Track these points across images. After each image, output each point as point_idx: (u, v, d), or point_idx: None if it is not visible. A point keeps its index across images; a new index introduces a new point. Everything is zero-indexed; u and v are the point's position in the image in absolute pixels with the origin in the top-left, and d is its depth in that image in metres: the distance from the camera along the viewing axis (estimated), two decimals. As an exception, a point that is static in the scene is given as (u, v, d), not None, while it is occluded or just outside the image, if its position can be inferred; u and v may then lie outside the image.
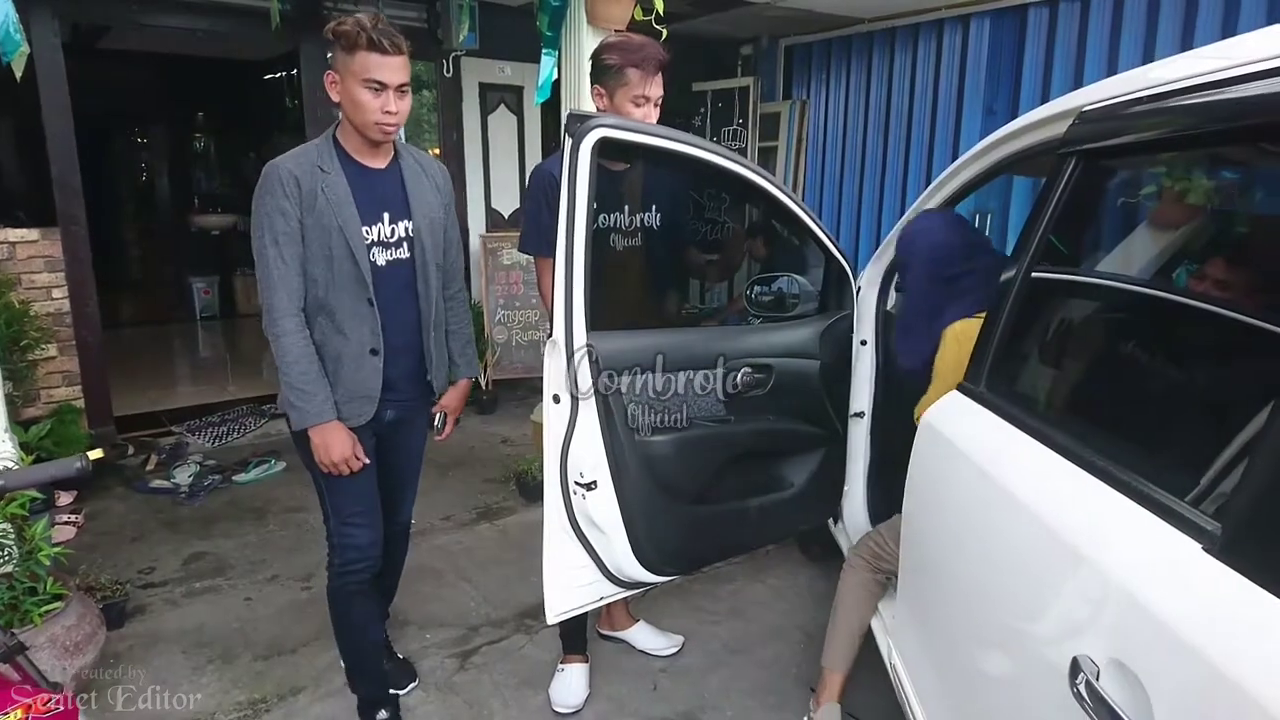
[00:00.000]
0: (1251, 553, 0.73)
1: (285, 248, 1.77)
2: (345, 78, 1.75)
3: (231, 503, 3.63)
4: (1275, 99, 0.88)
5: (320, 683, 2.36)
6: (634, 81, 2.03)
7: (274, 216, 1.76)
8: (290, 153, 1.83)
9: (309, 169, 1.78)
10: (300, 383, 1.81)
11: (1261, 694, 0.65)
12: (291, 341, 1.80)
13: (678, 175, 2.30)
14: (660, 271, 2.39)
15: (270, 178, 1.77)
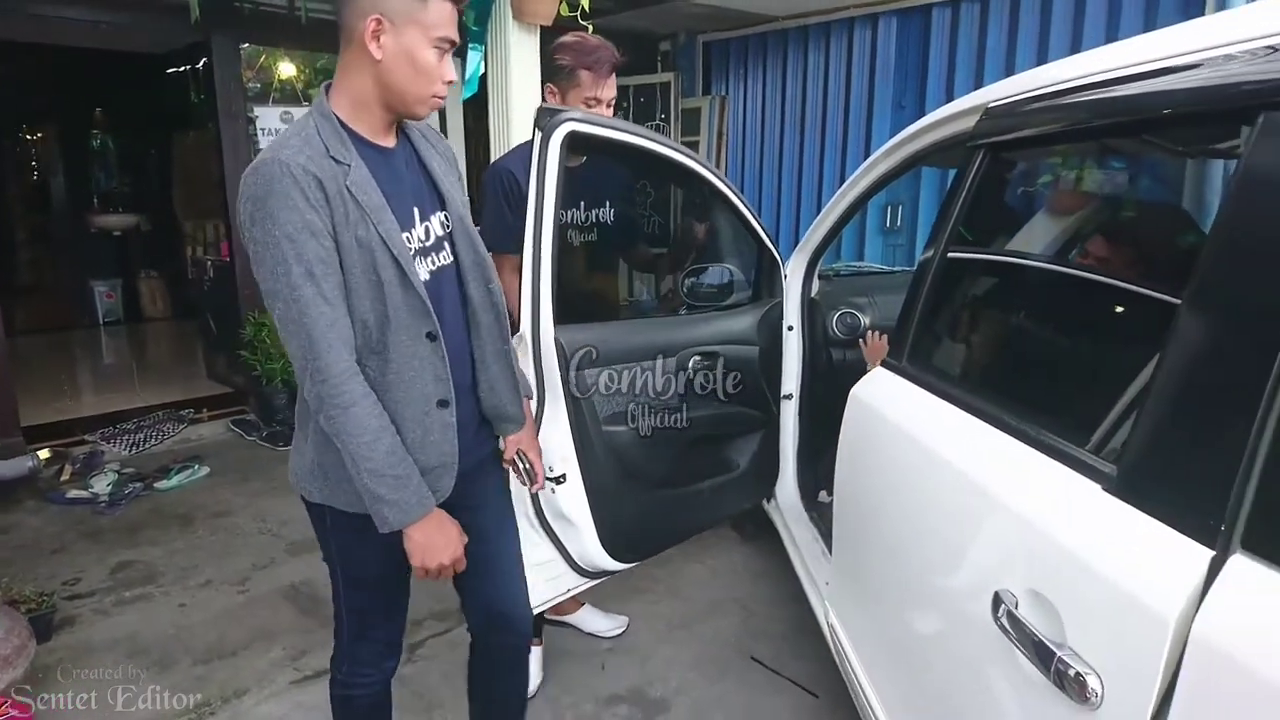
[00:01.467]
0: (1142, 489, 0.85)
1: (325, 281, 1.22)
2: (405, 27, 1.25)
3: (155, 510, 3.52)
4: (1153, 97, 1.01)
5: (264, 683, 2.35)
6: (586, 83, 2.03)
7: (300, 239, 1.20)
8: (285, 140, 1.26)
9: (323, 161, 1.24)
10: (388, 466, 1.28)
11: (1153, 605, 0.77)
12: (364, 412, 1.26)
13: (630, 170, 2.37)
14: (614, 265, 2.46)
15: (278, 181, 1.19)
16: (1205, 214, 1.52)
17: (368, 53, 1.25)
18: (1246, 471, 0.73)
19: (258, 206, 1.20)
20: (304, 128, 1.28)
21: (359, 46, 1.26)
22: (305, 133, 1.26)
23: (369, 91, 1.29)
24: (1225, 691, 0.70)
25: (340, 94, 1.31)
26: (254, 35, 4.56)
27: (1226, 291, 0.82)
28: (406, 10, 1.24)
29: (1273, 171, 0.80)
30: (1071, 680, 0.84)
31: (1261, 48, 0.86)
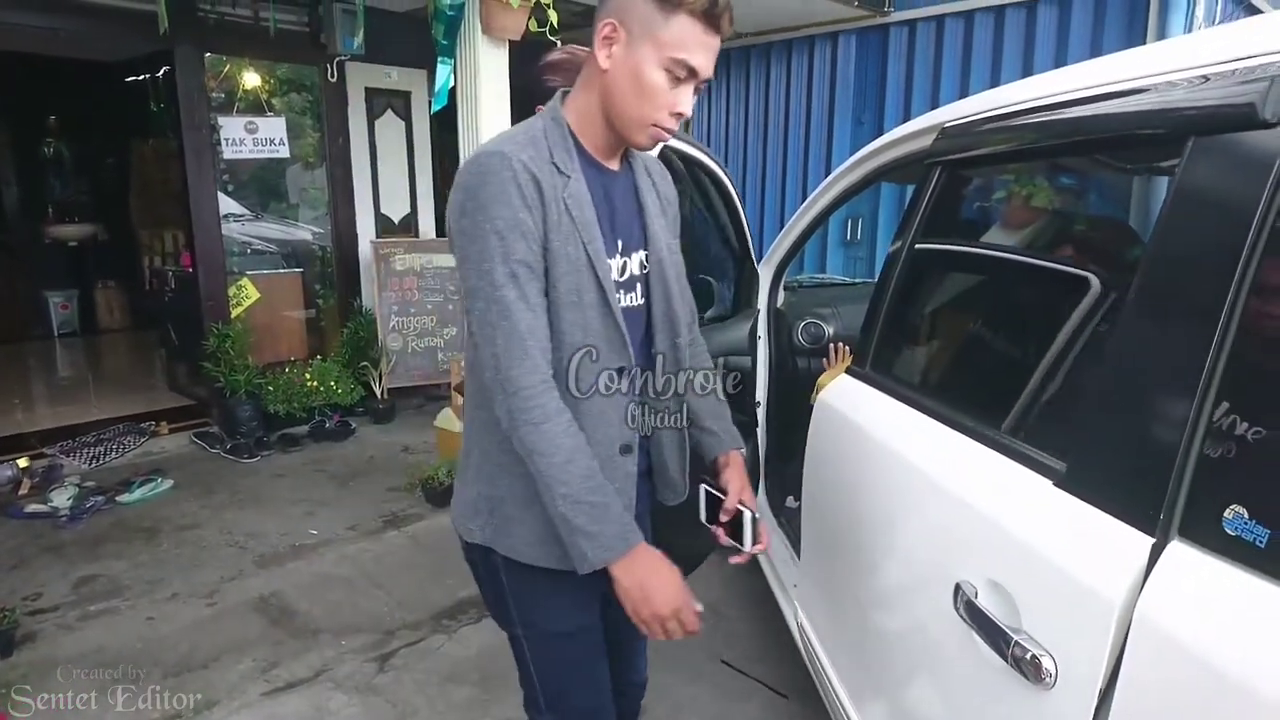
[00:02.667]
0: (1088, 483, 0.92)
1: (529, 285, 1.12)
2: (640, 40, 1.11)
3: (118, 524, 3.47)
4: (1097, 120, 1.08)
5: (235, 695, 2.34)
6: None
7: (510, 237, 1.10)
8: (510, 136, 1.17)
9: (545, 166, 1.14)
10: (586, 492, 1.11)
11: (1100, 589, 0.83)
12: (558, 429, 1.11)
13: None
14: None
15: (496, 174, 1.10)
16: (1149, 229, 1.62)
17: (597, 60, 1.14)
18: (1182, 466, 0.80)
19: (469, 197, 1.11)
20: (531, 127, 1.19)
21: (592, 54, 1.16)
22: (532, 133, 1.17)
23: (594, 104, 1.18)
24: (1165, 666, 0.76)
25: (572, 100, 1.22)
26: (218, 45, 4.54)
27: (1161, 300, 0.89)
28: (646, 21, 1.10)
29: (1201, 190, 0.87)
30: (1028, 663, 0.90)
31: (1196, 77, 0.94)
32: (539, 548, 1.22)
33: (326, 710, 2.28)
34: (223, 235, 4.76)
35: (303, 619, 2.74)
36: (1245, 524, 0.73)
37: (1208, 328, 0.79)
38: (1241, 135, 0.84)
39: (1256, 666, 0.68)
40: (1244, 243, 0.78)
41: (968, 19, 4.27)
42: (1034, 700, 0.91)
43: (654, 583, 1.13)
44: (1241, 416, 0.76)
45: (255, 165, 5.21)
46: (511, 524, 1.23)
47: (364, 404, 4.96)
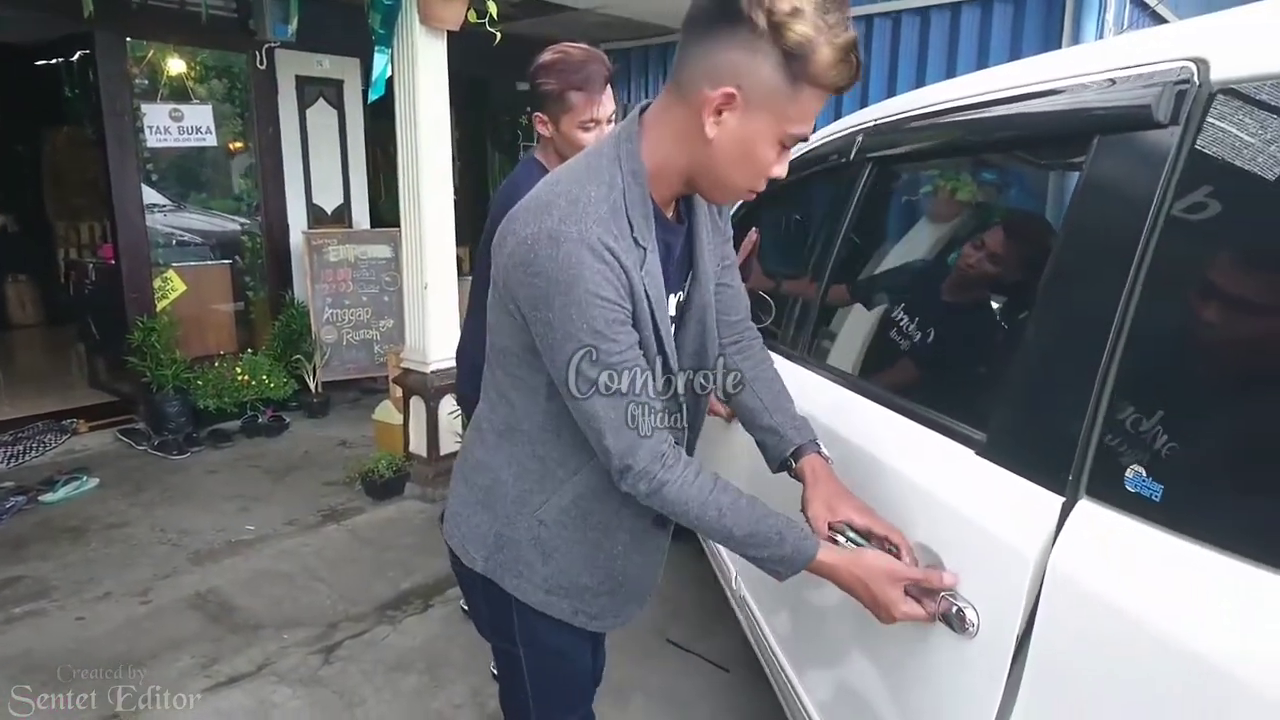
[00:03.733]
0: (1006, 450, 1.01)
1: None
2: (759, 111, 0.97)
3: (42, 524, 3.35)
4: (1018, 119, 1.17)
5: (175, 692, 2.30)
6: (579, 105, 1.79)
7: (608, 331, 1.00)
8: (587, 204, 1.00)
9: (627, 245, 1.01)
10: (749, 520, 1.06)
11: (1017, 545, 0.92)
12: (675, 488, 1.05)
13: None
14: None
15: (588, 266, 0.97)
16: (1060, 221, 1.74)
17: (699, 124, 0.99)
18: (1088, 432, 0.88)
19: (555, 289, 0.97)
20: (611, 189, 1.02)
21: (692, 113, 0.99)
22: (613, 198, 1.01)
23: (678, 164, 1.05)
24: (1075, 611, 0.85)
25: (653, 153, 1.05)
26: (141, 29, 4.38)
27: (1069, 285, 0.98)
28: (771, 92, 0.95)
29: (1103, 184, 0.97)
30: (954, 616, 0.99)
31: (1104, 80, 1.03)
32: (545, 597, 1.19)
33: (271, 703, 2.27)
34: (147, 226, 4.60)
35: (242, 614, 2.71)
36: (1144, 481, 0.82)
37: (1110, 308, 0.88)
38: (1139, 134, 0.93)
39: (1153, 607, 0.76)
40: (1140, 232, 0.87)
41: (895, 20, 4.42)
42: (959, 649, 0.99)
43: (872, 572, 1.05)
44: (1140, 386, 0.85)
45: (181, 154, 5.05)
46: (521, 566, 1.19)
47: (298, 398, 4.87)
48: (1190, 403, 0.80)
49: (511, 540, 1.18)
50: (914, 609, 1.02)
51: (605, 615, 1.24)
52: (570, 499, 1.16)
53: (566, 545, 1.17)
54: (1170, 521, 0.78)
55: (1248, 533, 0.72)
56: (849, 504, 1.15)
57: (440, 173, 3.60)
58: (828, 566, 1.07)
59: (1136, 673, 0.77)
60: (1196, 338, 0.84)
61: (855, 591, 1.06)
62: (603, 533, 1.18)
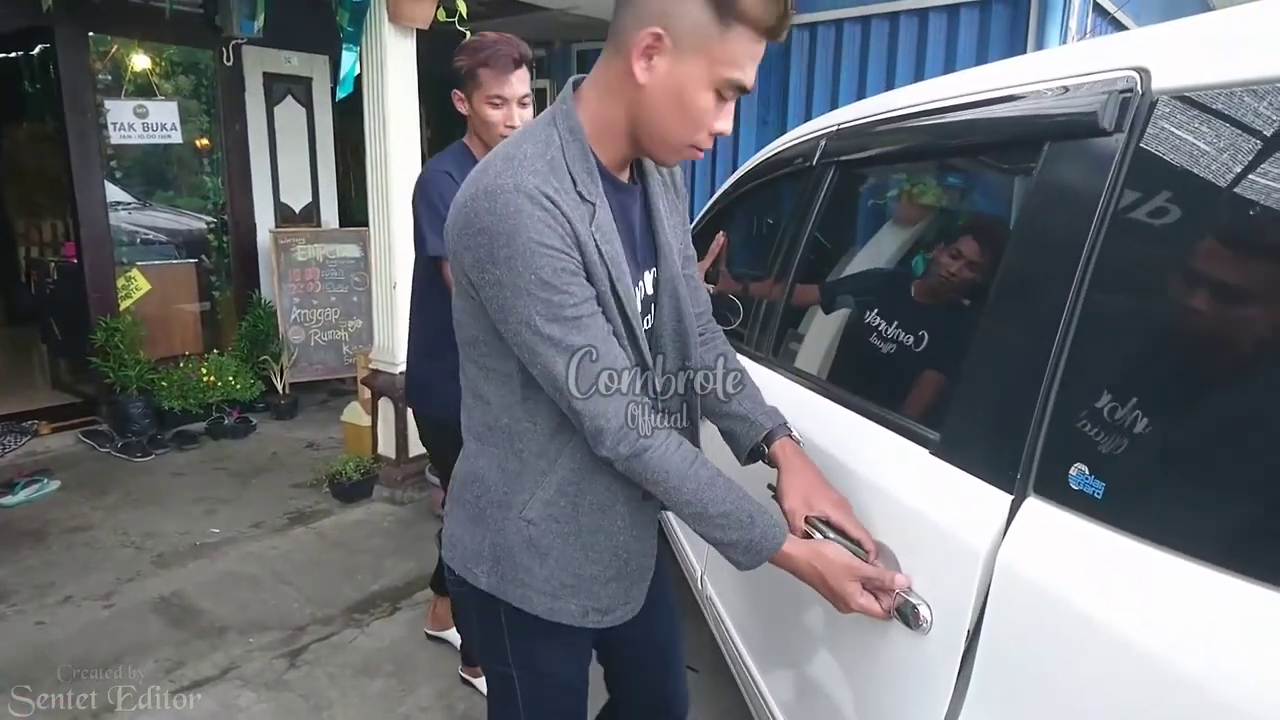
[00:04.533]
0: (958, 450, 1.03)
1: (591, 322, 1.01)
2: (689, 54, 0.96)
3: (2, 527, 3.29)
4: (974, 124, 1.19)
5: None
6: (487, 81, 1.93)
7: (557, 281, 0.98)
8: (522, 159, 0.99)
9: (571, 197, 1.00)
10: (725, 498, 1.05)
11: (968, 541, 0.94)
12: (656, 455, 1.04)
13: None
14: None
15: (526, 214, 0.96)
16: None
17: (631, 71, 0.98)
18: (1035, 433, 0.91)
19: (497, 243, 0.96)
20: (546, 145, 1.01)
21: (624, 60, 0.98)
22: (549, 154, 1.01)
23: (619, 117, 1.03)
24: (1021, 605, 0.87)
25: (587, 108, 1.05)
26: (104, 24, 4.31)
27: (1017, 287, 1.00)
28: (698, 33, 0.95)
29: (1053, 189, 0.99)
30: (909, 612, 1.01)
31: (1054, 87, 1.05)
32: (552, 603, 1.15)
33: (236, 707, 2.25)
34: (110, 224, 4.53)
35: (207, 618, 2.68)
36: (1087, 479, 0.84)
37: (1057, 310, 0.90)
38: (1086, 140, 0.95)
39: (1094, 602, 0.78)
40: (1086, 236, 0.89)
41: (865, 24, 4.46)
42: (912, 644, 1.01)
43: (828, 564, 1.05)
44: (1085, 386, 0.87)
45: (145, 151, 4.97)
46: (521, 573, 1.14)
47: (264, 399, 4.82)
48: (1132, 402, 0.82)
49: (506, 548, 1.14)
50: (870, 603, 1.03)
51: (615, 606, 1.19)
52: (554, 490, 1.12)
53: (560, 539, 1.13)
54: (1111, 518, 0.80)
55: (1184, 529, 0.75)
56: (826, 498, 1.13)
57: (409, 170, 3.58)
58: (788, 558, 1.07)
59: (1079, 666, 0.79)
60: (1138, 339, 0.86)
61: (813, 583, 1.07)
62: (599, 513, 1.13)
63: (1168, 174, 0.85)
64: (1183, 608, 0.72)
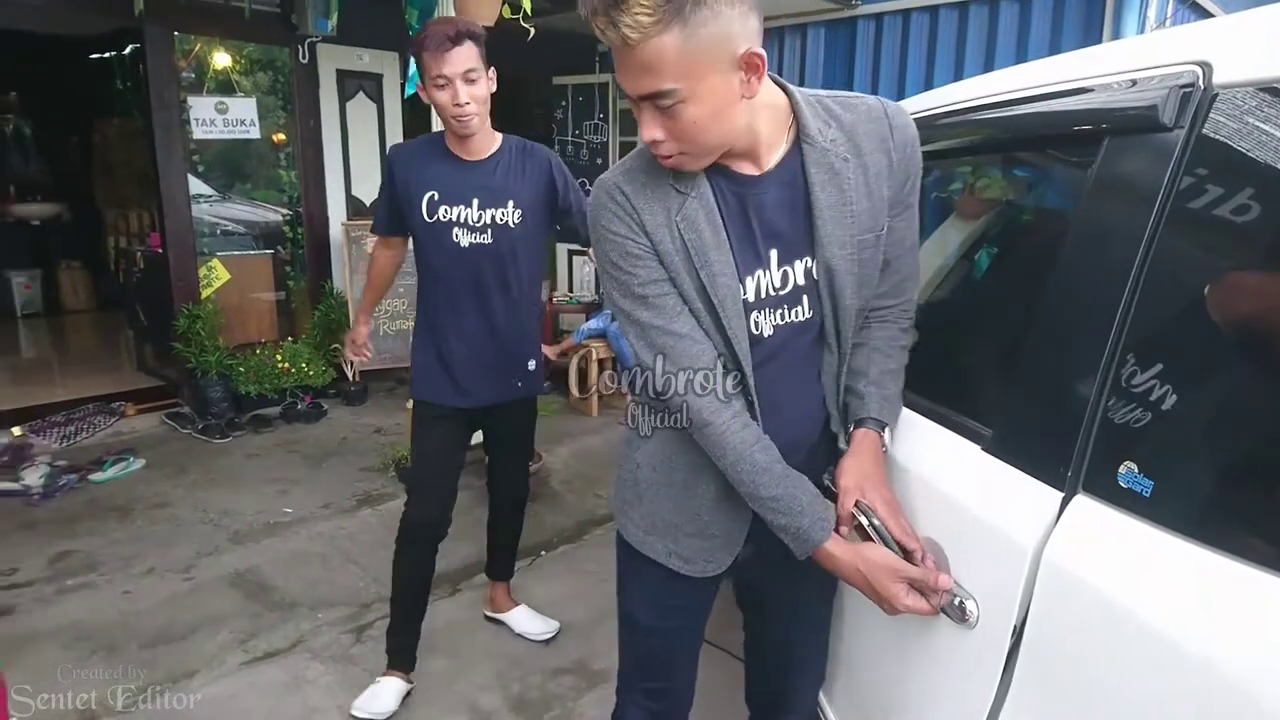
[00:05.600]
0: (1010, 446, 1.03)
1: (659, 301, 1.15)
2: None
3: (91, 502, 3.50)
4: (1044, 118, 1.18)
5: (214, 665, 2.40)
6: (429, 64, 1.95)
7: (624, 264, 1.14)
8: (632, 156, 1.16)
9: (656, 191, 1.13)
10: (778, 482, 1.11)
11: (1016, 538, 0.94)
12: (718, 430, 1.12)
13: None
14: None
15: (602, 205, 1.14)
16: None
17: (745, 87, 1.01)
18: (1088, 429, 0.90)
19: (591, 226, 1.16)
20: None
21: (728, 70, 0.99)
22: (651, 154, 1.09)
23: None
24: (1068, 600, 0.87)
25: None
26: (188, 24, 4.51)
27: (1073, 284, 1.00)
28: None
29: (1112, 185, 0.98)
30: (954, 607, 1.01)
31: (1114, 82, 1.04)
32: (643, 536, 1.29)
33: (304, 679, 2.35)
34: (193, 216, 4.75)
35: (279, 593, 2.81)
36: (1136, 477, 0.83)
37: (1112, 306, 0.90)
38: (1146, 135, 0.94)
39: (1140, 597, 0.78)
40: (1144, 231, 0.88)
41: (933, 14, 4.38)
42: (958, 638, 1.02)
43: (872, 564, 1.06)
44: (1138, 383, 0.86)
45: (225, 146, 5.19)
46: (626, 505, 1.31)
47: (335, 386, 4.99)
48: (1184, 401, 0.82)
49: (621, 480, 1.32)
50: (917, 601, 1.04)
51: (697, 559, 1.25)
52: (660, 443, 1.24)
53: (655, 488, 1.26)
54: (1159, 516, 0.79)
55: (1232, 529, 0.74)
56: (880, 494, 1.12)
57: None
58: (832, 556, 1.10)
59: (1123, 663, 0.79)
60: (1193, 337, 0.85)
61: (857, 585, 1.08)
62: (690, 474, 1.22)
63: (1228, 169, 0.84)
64: (1227, 607, 0.71)
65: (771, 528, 1.13)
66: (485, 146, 2.14)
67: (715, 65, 0.97)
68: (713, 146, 1.06)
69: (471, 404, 2.23)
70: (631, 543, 1.31)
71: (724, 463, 1.12)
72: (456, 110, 1.97)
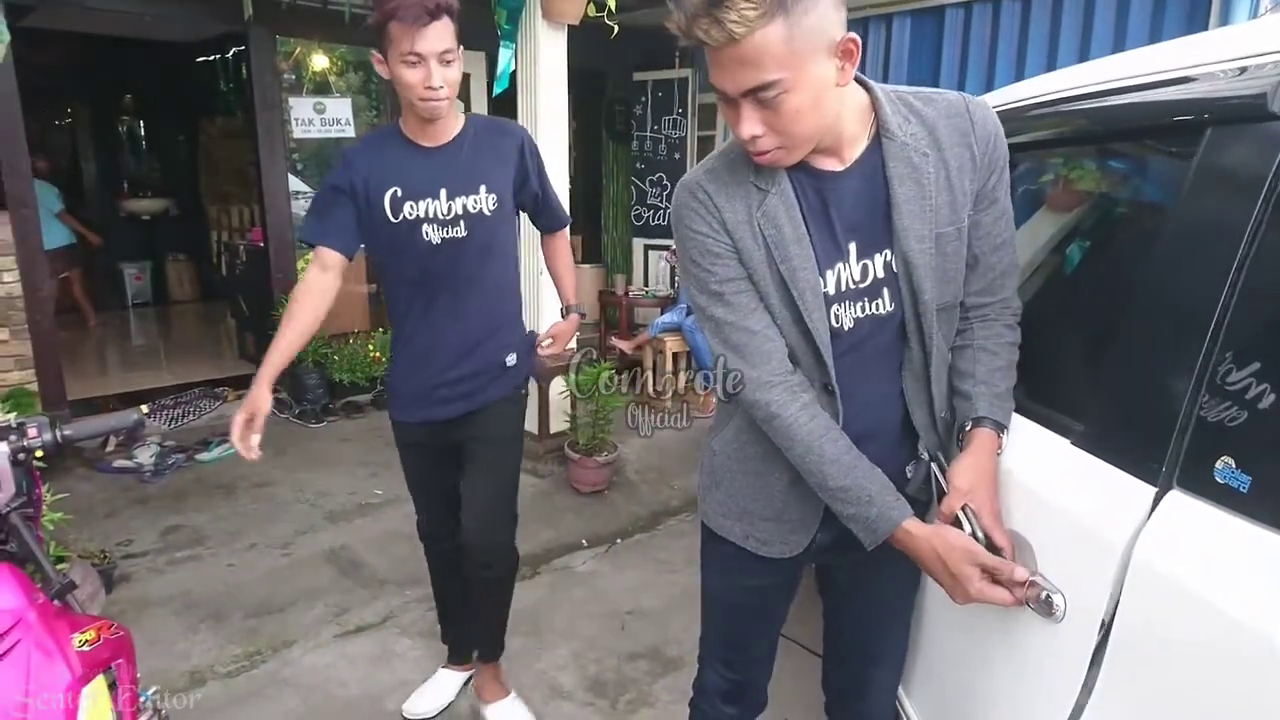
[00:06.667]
0: (1102, 441, 1.01)
1: (736, 298, 1.19)
2: None
3: (198, 480, 3.72)
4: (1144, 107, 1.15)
5: (310, 636, 2.54)
6: (397, 36, 1.68)
7: (703, 260, 1.19)
8: (716, 155, 1.20)
9: (738, 189, 1.16)
10: (845, 473, 1.13)
11: (1106, 534, 0.93)
12: (787, 422, 1.15)
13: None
14: None
15: (684, 204, 1.19)
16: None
17: (837, 74, 1.03)
18: (1183, 424, 0.89)
19: (675, 225, 1.20)
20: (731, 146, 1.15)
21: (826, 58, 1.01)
22: (735, 150, 1.14)
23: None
24: (1160, 596, 0.86)
25: None
26: (290, 28, 4.72)
27: (1171, 277, 0.98)
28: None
29: (1216, 175, 0.96)
30: (1041, 601, 1.01)
31: (1218, 70, 1.01)
32: (721, 521, 1.35)
33: (393, 652, 2.47)
34: (291, 212, 4.98)
35: (370, 570, 2.94)
36: (1233, 473, 0.82)
37: (1211, 300, 0.88)
38: (1253, 124, 0.92)
39: (1235, 594, 0.77)
40: (1247, 224, 0.86)
41: (1025, 2, 4.25)
42: (1046, 633, 1.01)
43: (946, 545, 1.07)
44: (1235, 379, 0.85)
45: (321, 144, 5.42)
46: (705, 491, 1.38)
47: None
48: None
49: (701, 467, 1.38)
50: (993, 591, 1.03)
51: (774, 541, 1.29)
52: (733, 432, 1.30)
53: (730, 475, 1.32)
54: (1256, 512, 0.78)
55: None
56: (989, 502, 1.10)
57: (557, 162, 3.74)
58: (909, 535, 1.10)
59: (1213, 661, 0.78)
60: (1297, 332, 0.83)
61: (931, 565, 1.09)
62: (762, 462, 1.26)
63: (1341, 160, 0.81)
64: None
65: (840, 518, 1.15)
66: (448, 129, 1.86)
67: (816, 53, 0.99)
68: (810, 136, 1.07)
69: (449, 414, 1.97)
70: (711, 526, 1.37)
71: (792, 454, 1.16)
72: (427, 93, 1.72)
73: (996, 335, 1.23)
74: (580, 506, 3.51)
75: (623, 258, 6.48)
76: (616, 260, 6.49)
